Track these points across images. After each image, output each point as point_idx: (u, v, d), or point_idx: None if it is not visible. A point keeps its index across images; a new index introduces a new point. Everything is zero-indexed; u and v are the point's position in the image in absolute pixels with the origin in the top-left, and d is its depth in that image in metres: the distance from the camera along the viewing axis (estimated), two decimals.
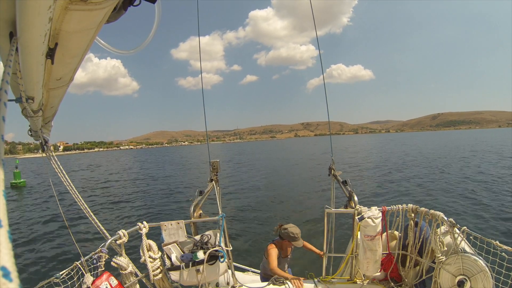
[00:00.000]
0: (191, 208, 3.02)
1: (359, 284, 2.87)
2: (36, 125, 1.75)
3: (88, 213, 2.44)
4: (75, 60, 1.25)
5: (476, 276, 2.15)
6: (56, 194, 2.66)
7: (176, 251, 2.70)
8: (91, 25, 1.04)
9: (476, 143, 46.80)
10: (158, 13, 1.48)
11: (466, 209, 9.32)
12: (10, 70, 0.81)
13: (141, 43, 1.57)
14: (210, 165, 3.49)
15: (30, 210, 13.15)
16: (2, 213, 0.35)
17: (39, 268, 6.73)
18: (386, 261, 2.83)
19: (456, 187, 12.43)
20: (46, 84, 1.35)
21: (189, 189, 17.19)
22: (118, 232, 2.55)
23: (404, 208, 2.78)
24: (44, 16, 0.81)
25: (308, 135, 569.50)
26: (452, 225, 2.34)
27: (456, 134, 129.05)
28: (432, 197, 11.13)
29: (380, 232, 2.67)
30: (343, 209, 3.01)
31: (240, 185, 17.57)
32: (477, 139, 63.66)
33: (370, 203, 10.06)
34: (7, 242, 0.31)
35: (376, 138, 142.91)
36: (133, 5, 1.16)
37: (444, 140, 65.06)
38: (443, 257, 2.36)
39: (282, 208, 11.27)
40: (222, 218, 2.84)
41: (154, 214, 11.58)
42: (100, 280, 2.11)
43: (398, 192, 12.76)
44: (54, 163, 2.18)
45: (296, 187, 15.59)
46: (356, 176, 17.86)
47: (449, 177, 15.62)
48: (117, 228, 3.19)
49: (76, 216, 10.37)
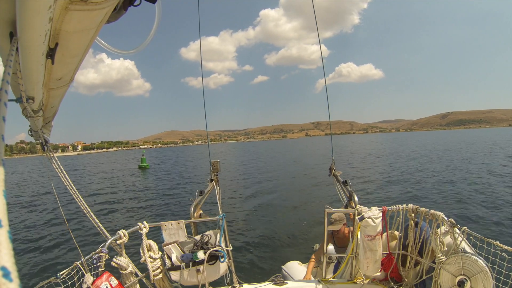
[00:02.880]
0: (191, 208, 3.02)
1: (359, 284, 2.87)
2: (36, 125, 1.75)
3: (88, 213, 2.44)
4: (75, 60, 1.25)
5: (476, 276, 2.15)
6: (56, 194, 2.66)
7: (176, 251, 2.70)
8: (91, 25, 1.05)
9: (483, 142, 45.58)
10: (158, 13, 1.48)
11: (469, 209, 9.31)
12: (10, 70, 0.81)
13: (141, 43, 1.57)
14: (211, 165, 3.50)
15: (53, 207, 13.19)
16: (2, 213, 0.35)
17: (39, 268, 6.73)
18: (386, 261, 2.83)
19: (463, 190, 12.29)
20: (46, 84, 1.35)
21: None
22: (118, 232, 2.55)
23: (404, 208, 2.78)
24: (44, 16, 0.81)
25: (318, 135, 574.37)
26: (453, 225, 2.34)
27: (462, 134, 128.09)
28: (440, 198, 11.07)
29: (380, 232, 2.67)
30: (343, 209, 3.01)
31: (251, 184, 17.68)
32: (484, 138, 62.44)
33: (370, 203, 10.06)
34: (7, 242, 0.31)
35: (383, 138, 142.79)
36: (133, 5, 1.16)
37: (449, 139, 64.58)
38: (443, 257, 2.36)
39: (282, 207, 11.26)
40: (222, 218, 2.84)
41: (172, 212, 11.60)
42: (100, 280, 2.11)
43: (399, 192, 12.76)
44: (54, 163, 2.18)
45: (299, 187, 15.58)
46: (359, 175, 17.84)
47: (454, 176, 15.58)
48: (117, 228, 3.20)
49: (76, 216, 10.38)
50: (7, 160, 15.79)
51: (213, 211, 3.73)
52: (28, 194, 18.71)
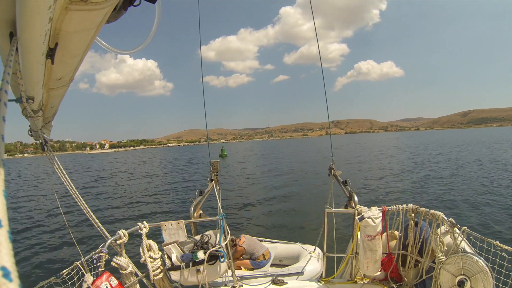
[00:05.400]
0: (191, 208, 3.02)
1: (359, 284, 2.87)
2: (36, 125, 1.75)
3: (88, 213, 2.44)
4: (75, 60, 1.25)
5: (476, 276, 2.15)
6: (56, 194, 2.66)
7: (176, 251, 2.70)
8: (91, 25, 1.04)
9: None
10: (158, 13, 1.48)
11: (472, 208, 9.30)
12: (10, 70, 0.81)
13: (141, 43, 1.57)
14: (210, 165, 3.49)
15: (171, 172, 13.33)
16: (2, 213, 0.35)
17: (39, 268, 6.73)
18: (386, 261, 2.83)
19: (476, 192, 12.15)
20: (46, 84, 1.35)
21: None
22: (118, 232, 2.55)
23: (404, 208, 2.78)
24: (44, 16, 0.81)
25: (339, 133, 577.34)
26: (452, 225, 2.34)
27: (480, 132, 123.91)
28: (445, 196, 11.02)
29: (380, 232, 2.67)
30: (343, 209, 3.01)
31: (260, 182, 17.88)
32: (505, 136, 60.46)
33: (371, 202, 10.05)
34: (7, 242, 0.31)
35: (397, 136, 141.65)
36: (133, 5, 1.17)
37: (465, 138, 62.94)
38: (443, 257, 2.36)
39: (282, 208, 11.25)
40: (222, 218, 2.84)
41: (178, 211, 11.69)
42: (100, 280, 2.11)
43: (398, 192, 12.75)
44: (54, 163, 2.18)
45: (304, 187, 15.56)
46: (362, 175, 17.79)
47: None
48: (117, 228, 3.21)
49: (76, 215, 10.38)
50: (33, 159, 16.01)
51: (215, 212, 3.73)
52: (28, 194, 18.73)
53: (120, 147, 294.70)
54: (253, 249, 4.16)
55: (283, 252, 4.49)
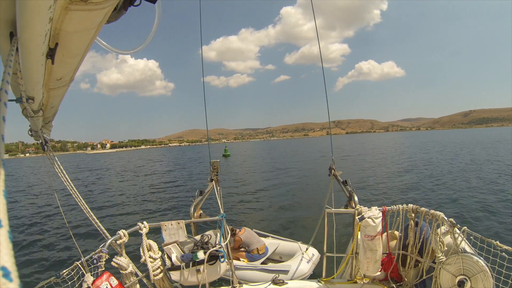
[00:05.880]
0: (191, 208, 3.02)
1: (359, 284, 2.87)
2: (36, 125, 1.75)
3: (88, 213, 2.44)
4: (75, 60, 1.25)
5: (476, 276, 2.15)
6: (56, 194, 2.66)
7: (177, 251, 2.70)
8: (92, 25, 1.04)
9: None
10: (158, 13, 1.48)
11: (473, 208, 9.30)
12: (10, 70, 0.81)
13: (141, 43, 1.57)
14: (210, 165, 3.49)
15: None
16: (2, 213, 0.35)
17: (39, 268, 6.73)
18: (386, 261, 2.83)
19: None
20: (46, 84, 1.35)
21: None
22: (118, 232, 2.55)
23: (404, 208, 2.78)
24: (44, 16, 0.81)
25: (339, 133, 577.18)
26: (453, 225, 2.34)
27: (481, 132, 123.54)
28: (444, 197, 11.02)
29: (381, 232, 2.67)
30: (343, 209, 3.01)
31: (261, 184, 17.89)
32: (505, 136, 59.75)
33: (370, 202, 10.04)
34: (7, 242, 0.31)
35: (397, 137, 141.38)
36: (133, 5, 1.16)
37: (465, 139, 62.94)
38: (443, 257, 2.36)
39: (283, 206, 11.25)
40: (222, 218, 2.84)
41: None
42: (101, 280, 2.11)
43: (398, 192, 12.75)
44: (54, 163, 2.18)
45: (303, 187, 15.56)
46: (362, 176, 17.79)
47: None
48: (117, 228, 3.21)
49: (76, 215, 10.38)
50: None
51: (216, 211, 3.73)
52: (29, 194, 18.73)
53: (121, 147, 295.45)
54: (249, 242, 4.41)
55: (283, 249, 4.59)
